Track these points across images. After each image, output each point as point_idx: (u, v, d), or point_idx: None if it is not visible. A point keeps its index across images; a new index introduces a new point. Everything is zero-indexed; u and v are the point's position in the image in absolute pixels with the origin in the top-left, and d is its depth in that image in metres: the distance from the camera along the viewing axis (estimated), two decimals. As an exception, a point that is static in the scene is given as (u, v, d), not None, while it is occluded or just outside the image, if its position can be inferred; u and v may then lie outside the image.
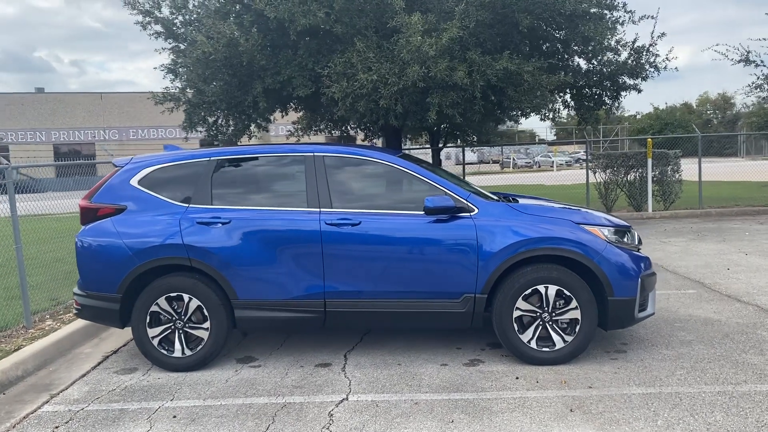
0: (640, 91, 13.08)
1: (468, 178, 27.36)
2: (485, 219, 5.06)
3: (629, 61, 12.77)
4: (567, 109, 13.83)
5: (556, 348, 5.02)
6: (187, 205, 5.23)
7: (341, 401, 4.47)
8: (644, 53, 12.72)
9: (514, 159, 58.99)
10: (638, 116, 67.43)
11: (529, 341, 5.03)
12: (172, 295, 5.14)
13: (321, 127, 15.78)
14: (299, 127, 15.87)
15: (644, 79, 12.98)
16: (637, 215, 14.85)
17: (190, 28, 11.93)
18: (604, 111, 13.91)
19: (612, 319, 5.06)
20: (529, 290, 4.99)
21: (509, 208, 5.16)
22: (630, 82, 13.07)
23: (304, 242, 5.08)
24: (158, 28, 12.01)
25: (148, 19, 11.85)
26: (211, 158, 5.38)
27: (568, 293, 4.97)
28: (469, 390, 4.60)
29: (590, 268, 4.97)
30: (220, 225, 5.13)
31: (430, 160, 20.66)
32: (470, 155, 71.58)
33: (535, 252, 4.98)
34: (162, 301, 5.14)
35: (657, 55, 12.73)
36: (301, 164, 5.29)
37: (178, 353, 5.17)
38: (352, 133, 17.06)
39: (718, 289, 7.25)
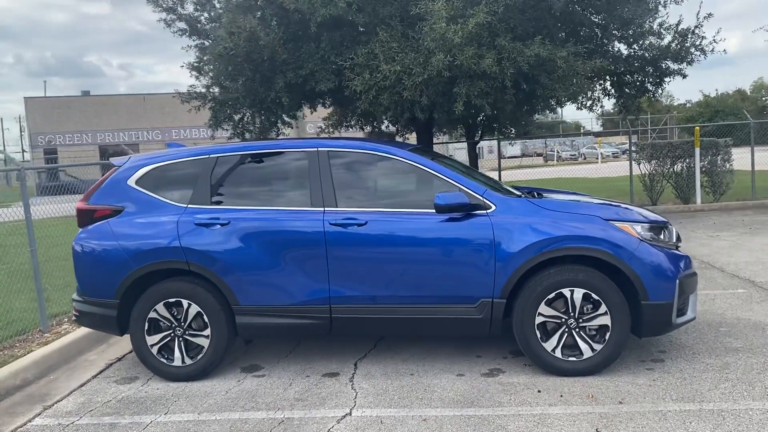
0: (684, 76, 12.32)
1: (508, 173, 26.72)
2: (503, 216, 4.61)
3: (673, 45, 12.03)
4: (607, 98, 13.13)
5: (584, 357, 4.55)
6: (185, 205, 4.94)
7: (343, 417, 4.11)
8: (689, 36, 11.96)
9: (558, 151, 57.64)
10: (688, 105, 65.06)
11: (553, 350, 4.57)
12: (170, 300, 4.86)
13: (352, 122, 15.44)
14: (330, 123, 15.56)
15: (689, 63, 12.20)
16: (683, 208, 14.07)
17: (215, 25, 11.74)
18: (648, 99, 13.16)
19: (647, 325, 4.56)
20: (553, 294, 4.53)
21: (530, 204, 4.70)
22: (674, 67, 12.31)
23: (306, 244, 4.73)
24: (182, 25, 11.85)
25: (171, 16, 11.69)
26: (211, 155, 5.08)
27: (596, 297, 4.50)
28: (485, 405, 4.18)
29: (621, 270, 4.48)
30: (219, 226, 4.82)
31: (466, 154, 20.16)
32: (514, 148, 70.58)
33: (559, 252, 4.52)
34: (160, 308, 4.86)
35: (703, 38, 11.96)
36: (305, 160, 4.93)
37: (177, 362, 4.89)
38: (384, 128, 16.66)
39: (771, 289, 6.63)
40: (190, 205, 4.93)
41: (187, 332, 4.88)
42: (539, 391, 4.35)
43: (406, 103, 9.67)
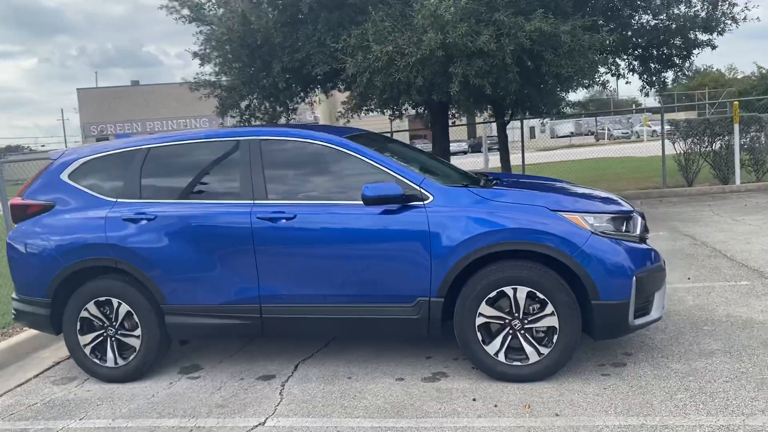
0: (714, 47, 11.44)
1: (553, 153, 25.71)
2: (440, 208, 4.22)
3: (702, 14, 11.18)
4: (632, 73, 12.33)
5: (530, 362, 4.14)
6: (115, 199, 4.73)
7: (255, 427, 3.83)
8: (720, 2, 11.08)
9: (609, 130, 55.65)
10: (752, 76, 61.62)
11: (496, 353, 4.17)
12: (101, 299, 4.68)
13: (372, 106, 15.04)
14: (348, 107, 15.22)
15: (720, 33, 11.33)
16: (718, 189, 13.18)
17: (221, 11, 11.53)
18: (676, 73, 12.30)
19: (599, 327, 4.11)
20: (494, 293, 4.12)
21: (471, 195, 4.28)
22: (703, 37, 11.45)
23: (233, 239, 4.46)
24: (186, 12, 11.68)
25: (174, 3, 11.53)
26: (142, 147, 4.84)
27: (541, 296, 4.07)
28: (409, 415, 3.83)
29: (568, 266, 4.04)
30: (146, 221, 4.59)
31: (518, 134, 19.55)
32: (564, 127, 68.71)
33: (499, 247, 4.10)
34: (91, 307, 4.69)
35: (734, 4, 11.06)
36: (236, 150, 4.64)
37: (111, 362, 4.71)
38: (403, 111, 16.19)
39: (778, 280, 6.00)
40: (119, 200, 4.72)
41: (119, 332, 4.69)
42: (474, 400, 3.97)
43: (402, 84, 9.24)
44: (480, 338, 4.18)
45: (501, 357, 4.16)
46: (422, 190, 4.28)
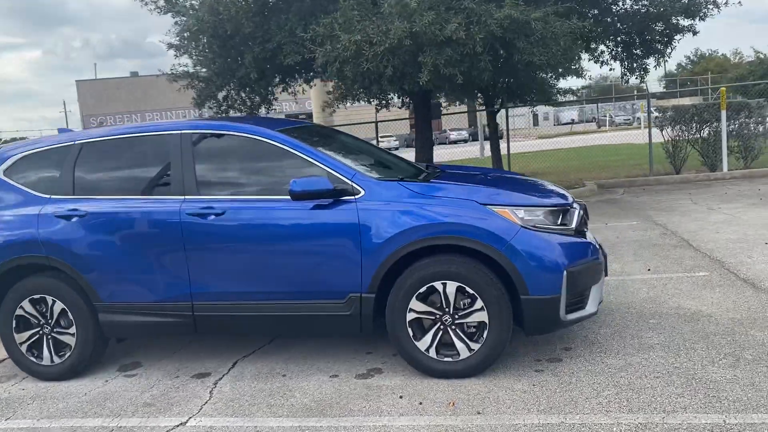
0: (696, 33, 11.26)
1: (553, 140, 25.54)
2: (371, 203, 4.14)
3: (683, -1, 11.01)
4: (614, 60, 12.16)
5: (461, 358, 4.07)
6: (49, 196, 4.68)
7: (176, 427, 3.78)
8: (701, -13, 10.91)
9: (610, 116, 55.27)
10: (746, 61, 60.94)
11: (427, 349, 4.10)
12: (36, 297, 4.63)
13: (358, 96, 14.92)
14: (334, 97, 15.10)
15: (702, 18, 11.15)
16: (703, 176, 13.04)
17: (193, 1, 11.41)
18: (657, 59, 12.11)
19: (529, 322, 4.03)
20: (425, 288, 4.05)
21: (402, 189, 4.20)
22: (684, 23, 11.28)
23: (164, 236, 4.39)
24: (161, 2, 11.57)
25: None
26: (76, 142, 4.78)
27: (471, 291, 3.99)
28: (333, 414, 3.77)
29: (496, 260, 3.96)
30: (77, 218, 4.53)
31: (527, 121, 19.41)
32: (568, 114, 68.32)
33: (427, 242, 4.03)
34: (26, 304, 4.64)
35: (716, -11, 10.87)
36: (168, 145, 4.56)
37: (47, 361, 4.67)
38: (396, 101, 16.05)
39: (738, 271, 5.89)
40: (53, 196, 4.67)
41: (54, 330, 4.65)
42: (401, 397, 3.90)
43: (372, 74, 9.13)
44: (411, 334, 4.11)
45: (432, 353, 4.10)
46: (354, 185, 4.19)
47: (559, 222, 4.16)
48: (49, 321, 4.64)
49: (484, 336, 4.01)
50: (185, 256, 4.35)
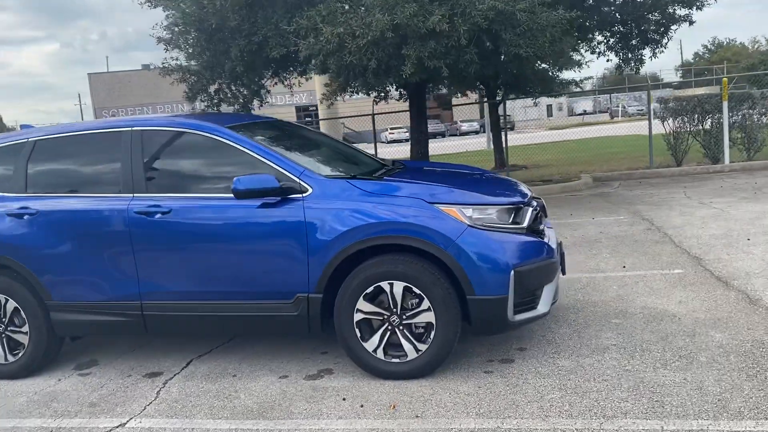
0: (692, 22, 11.02)
1: (562, 132, 25.14)
2: (317, 202, 4.06)
3: (679, -12, 10.78)
4: (610, 51, 11.95)
5: (408, 359, 3.99)
6: (2, 194, 4.65)
7: (115, 428, 3.75)
8: (697, -24, 10.67)
9: (623, 107, 54.61)
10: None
11: (374, 350, 4.03)
12: (-11, 295, 4.62)
13: (355, 88, 14.81)
14: (331, 90, 15.01)
15: (699, 8, 10.91)
16: (702, 169, 12.82)
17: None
18: (653, 50, 11.87)
19: (476, 323, 3.94)
20: (371, 288, 3.97)
21: (350, 187, 4.11)
22: (681, 12, 11.04)
23: (113, 234, 4.35)
24: (149, -5, 11.52)
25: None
26: (29, 139, 4.75)
27: (418, 291, 3.91)
28: (273, 416, 3.72)
29: (441, 259, 3.87)
30: (28, 216, 4.51)
31: (541, 112, 19.29)
32: (581, 105, 67.67)
33: (373, 242, 3.95)
34: (-20, 303, 4.63)
35: (712, -23, 10.63)
36: (118, 142, 4.51)
37: (1, 359, 4.66)
38: (394, 93, 15.91)
39: (713, 269, 5.74)
40: (5, 194, 4.65)
41: (8, 329, 4.63)
42: (344, 399, 3.84)
43: (356, 67, 9.03)
44: (359, 335, 4.04)
45: (380, 354, 4.02)
46: (302, 183, 4.12)
47: (510, 221, 4.06)
48: (3, 320, 4.63)
49: (431, 337, 3.93)
50: (133, 255, 4.31)
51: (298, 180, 4.12)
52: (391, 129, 43.55)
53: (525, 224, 4.10)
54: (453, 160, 19.63)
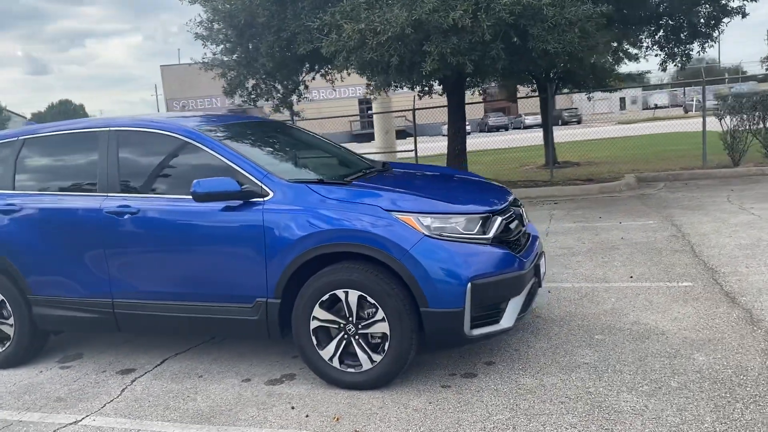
0: (745, 15, 10.35)
1: (628, 126, 24.18)
2: (277, 206, 4.00)
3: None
4: (655, 46, 11.37)
5: (363, 369, 3.90)
6: (-7, 190, 4.82)
7: (69, 424, 3.82)
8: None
9: (699, 101, 52.19)
10: None
11: (330, 359, 3.96)
12: (-22, 288, 4.80)
13: (401, 84, 14.69)
14: (374, 85, 14.94)
15: (754, -1, 10.24)
16: (756, 170, 12.08)
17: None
18: (702, 44, 11.20)
19: (431, 336, 3.80)
20: (327, 296, 3.89)
21: (309, 192, 4.02)
22: (734, 4, 10.39)
23: (86, 233, 4.43)
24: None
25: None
26: (19, 137, 4.90)
27: (372, 301, 3.80)
28: (220, 422, 3.70)
29: (394, 269, 3.75)
30: (13, 213, 4.65)
31: (612, 105, 18.76)
32: (658, 98, 65.04)
33: (326, 248, 3.86)
34: (-29, 294, 4.82)
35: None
36: (97, 141, 4.59)
37: (-10, 350, 4.85)
38: (437, 87, 15.70)
39: (724, 283, 5.36)
40: (-4, 191, 4.81)
41: (-5, 321, 4.81)
42: (292, 408, 3.78)
43: (378, 64, 8.93)
44: (315, 342, 3.97)
45: (335, 363, 3.95)
46: (263, 186, 4.07)
47: (475, 230, 3.88)
48: (-10, 312, 4.80)
49: (386, 348, 3.82)
50: (105, 254, 4.38)
51: (260, 184, 4.08)
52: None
53: (490, 235, 3.92)
54: (499, 155, 19.27)
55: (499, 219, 4.02)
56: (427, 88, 14.76)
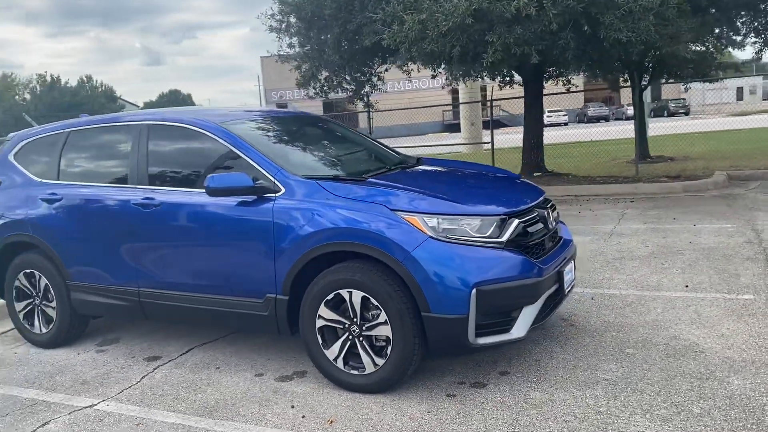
0: None
1: (742, 119, 22.66)
2: (286, 202, 3.96)
3: None
4: (750, 33, 10.45)
5: (366, 372, 3.81)
6: (40, 180, 5.08)
7: (84, 408, 3.97)
8: None
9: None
10: None
11: (335, 359, 3.89)
12: (27, 271, 5.09)
13: (477, 73, 14.41)
14: (451, 74, 14.73)
15: None
16: None
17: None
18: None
19: (433, 343, 3.65)
20: (332, 295, 3.82)
21: (318, 189, 3.95)
22: None
23: (116, 223, 4.59)
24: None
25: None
26: (64, 130, 5.12)
27: (375, 302, 3.70)
28: (221, 416, 3.72)
29: (396, 271, 3.62)
30: (55, 202, 4.89)
31: (731, 95, 17.89)
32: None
33: (328, 247, 3.79)
34: (21, 277, 5.12)
35: None
36: (130, 134, 4.73)
37: (37, 329, 5.14)
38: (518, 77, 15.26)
39: (791, 297, 4.85)
40: (43, 180, 5.06)
41: (42, 302, 5.08)
42: (292, 407, 3.75)
43: (441, 55, 8.74)
44: (321, 341, 3.91)
45: (339, 363, 3.87)
46: (276, 182, 4.05)
47: (489, 233, 3.69)
48: (38, 293, 5.08)
49: (388, 352, 3.71)
50: (132, 244, 4.51)
51: (273, 179, 4.05)
52: (549, 112, 41.73)
53: (504, 238, 3.70)
54: (591, 148, 18.47)
55: (516, 222, 3.80)
56: (508, 78, 14.35)
